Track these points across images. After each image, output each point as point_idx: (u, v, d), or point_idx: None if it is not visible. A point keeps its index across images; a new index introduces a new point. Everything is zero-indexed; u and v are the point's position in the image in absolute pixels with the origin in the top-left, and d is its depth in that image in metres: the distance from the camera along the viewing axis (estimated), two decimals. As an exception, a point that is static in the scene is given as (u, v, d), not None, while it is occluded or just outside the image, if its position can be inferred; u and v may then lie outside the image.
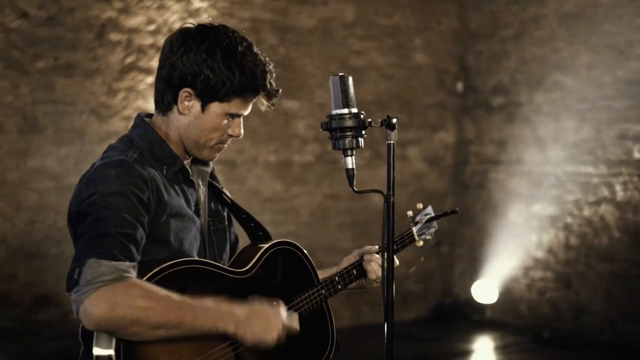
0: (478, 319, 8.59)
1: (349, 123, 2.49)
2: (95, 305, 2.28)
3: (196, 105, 2.58)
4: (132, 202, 2.42)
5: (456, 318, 8.61)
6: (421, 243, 3.17)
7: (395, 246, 3.02)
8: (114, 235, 2.36)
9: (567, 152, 7.98)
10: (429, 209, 3.21)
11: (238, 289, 2.64)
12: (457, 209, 3.27)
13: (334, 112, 2.49)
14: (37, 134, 6.44)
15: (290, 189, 7.83)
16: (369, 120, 2.49)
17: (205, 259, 2.68)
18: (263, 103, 2.67)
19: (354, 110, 2.49)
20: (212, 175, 2.84)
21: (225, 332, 2.48)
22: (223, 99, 2.57)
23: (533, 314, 8.27)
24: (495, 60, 8.64)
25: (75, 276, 2.32)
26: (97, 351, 2.36)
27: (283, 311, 2.60)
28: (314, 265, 2.91)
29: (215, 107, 2.58)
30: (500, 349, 7.68)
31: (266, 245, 2.78)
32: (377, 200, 8.32)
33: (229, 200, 2.87)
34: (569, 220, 7.98)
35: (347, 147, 2.51)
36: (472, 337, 8.00)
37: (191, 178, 2.69)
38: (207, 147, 2.64)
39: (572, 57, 7.96)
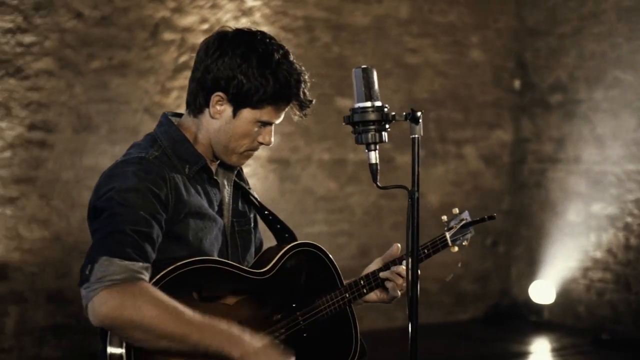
0: (535, 320, 8.47)
1: (372, 116, 2.41)
2: (103, 304, 2.26)
3: (228, 110, 2.56)
4: (148, 199, 2.40)
5: (513, 319, 8.50)
6: (456, 249, 3.07)
7: (426, 251, 2.94)
8: (128, 233, 2.33)
9: (627, 150, 7.82)
10: (466, 214, 3.11)
11: (255, 290, 2.60)
12: (495, 214, 3.13)
13: (357, 105, 2.42)
14: (92, 133, 6.49)
15: (344, 188, 7.79)
16: (393, 113, 2.42)
17: (227, 259, 2.64)
18: (295, 113, 2.63)
19: (378, 103, 2.41)
20: (239, 176, 2.81)
21: (230, 357, 2.41)
22: (255, 105, 2.54)
23: (591, 315, 8.13)
24: (553, 57, 8.50)
25: (87, 272, 2.30)
26: (110, 349, 2.34)
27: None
28: (338, 268, 2.84)
29: (246, 114, 2.55)
30: (558, 351, 7.55)
31: (287, 246, 2.73)
32: (433, 199, 8.25)
33: (256, 202, 2.84)
34: (629, 219, 7.82)
35: (370, 141, 2.44)
36: (529, 339, 7.88)
37: (215, 178, 2.66)
38: (236, 152, 2.61)
39: (632, 53, 7.80)
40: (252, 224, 2.83)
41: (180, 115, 2.71)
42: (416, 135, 2.43)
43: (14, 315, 6.18)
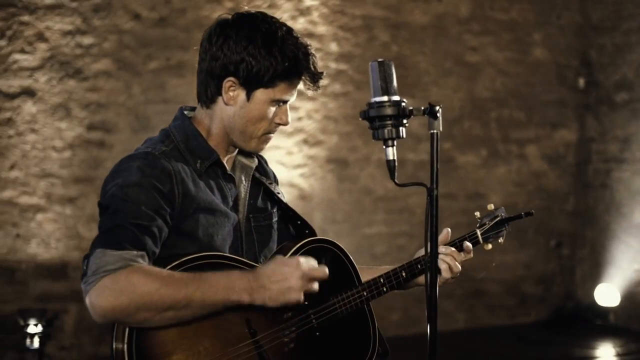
0: (600, 324, 8.29)
1: (389, 111, 2.29)
2: (99, 296, 2.21)
3: (241, 94, 2.51)
4: (151, 194, 2.36)
5: (577, 323, 8.33)
6: (489, 246, 2.97)
7: (453, 248, 2.84)
8: (127, 227, 2.30)
9: (696, 150, 7.62)
10: (501, 210, 3.00)
11: None
12: (532, 211, 3.01)
13: (373, 99, 2.30)
14: (150, 133, 6.43)
15: (404, 188, 7.68)
16: (411, 108, 2.30)
17: (242, 256, 2.58)
18: (308, 87, 2.58)
19: (395, 97, 2.29)
20: (261, 171, 2.76)
21: (240, 302, 2.35)
22: (268, 85, 2.50)
23: (660, 319, 7.94)
24: (618, 54, 8.33)
25: (84, 267, 2.28)
26: (115, 344, 2.30)
27: (303, 262, 2.43)
28: (356, 265, 2.75)
29: (260, 94, 2.51)
30: (623, 356, 7.36)
31: (302, 242, 2.65)
32: (495, 200, 8.11)
33: (276, 198, 2.76)
34: (698, 221, 7.62)
35: (387, 137, 2.31)
36: (594, 343, 7.71)
37: (230, 173, 2.61)
38: (254, 137, 2.56)
39: (702, 49, 7.60)
40: (274, 219, 2.75)
41: (195, 109, 2.68)
42: (435, 131, 2.31)
43: (73, 314, 6.24)
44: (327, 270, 2.47)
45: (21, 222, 6.16)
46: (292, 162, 7.16)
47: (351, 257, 2.75)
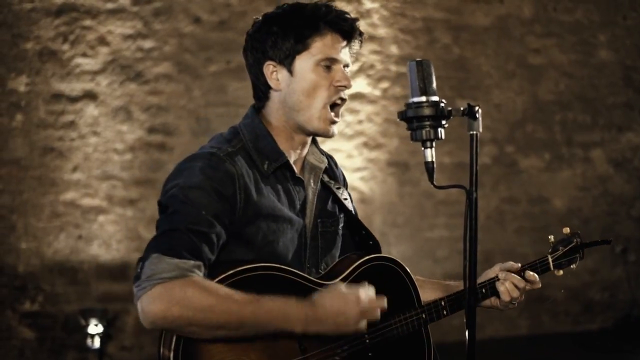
0: (669, 332, 8.09)
1: (427, 112, 2.22)
2: (151, 303, 2.17)
3: (283, 71, 2.47)
4: (212, 198, 2.30)
5: (644, 330, 8.15)
6: (561, 273, 2.87)
7: (522, 274, 2.75)
8: (185, 232, 2.24)
9: None
10: (576, 236, 2.88)
11: None
12: (610, 239, 2.90)
13: (411, 100, 2.23)
14: (210, 136, 6.53)
15: (464, 192, 7.59)
16: (449, 109, 2.23)
17: (305, 262, 2.52)
18: (345, 32, 2.48)
19: (433, 98, 2.22)
20: (330, 173, 2.69)
21: (293, 332, 2.29)
22: (300, 49, 2.45)
23: None
24: (687, 55, 8.13)
25: (138, 270, 2.23)
26: (163, 349, 2.28)
27: (363, 297, 2.35)
28: (417, 286, 2.65)
29: (300, 63, 2.46)
30: (692, 365, 7.17)
31: (362, 259, 2.56)
32: (559, 205, 8.00)
33: (343, 203, 2.68)
34: None
35: (424, 138, 2.23)
36: (662, 352, 7.52)
37: (299, 176, 2.54)
38: (315, 112, 2.46)
39: None
40: (340, 225, 2.67)
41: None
42: (474, 132, 2.23)
43: (134, 314, 6.29)
44: (385, 303, 2.41)
45: (83, 223, 6.23)
46: (352, 165, 7.12)
47: (412, 277, 2.66)
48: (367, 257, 2.57)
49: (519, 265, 2.78)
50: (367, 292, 2.37)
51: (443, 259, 7.51)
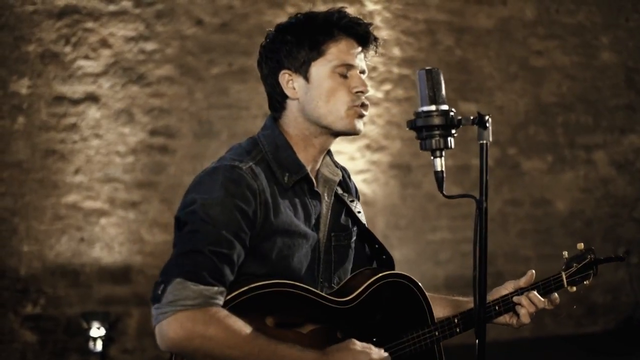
0: (672, 334, 8.07)
1: (437, 121, 2.21)
2: (172, 330, 2.15)
3: (299, 79, 2.44)
4: (233, 216, 2.27)
5: (647, 333, 8.13)
6: (574, 289, 2.88)
7: (536, 291, 2.73)
8: (207, 255, 2.21)
9: None
10: (590, 252, 2.88)
11: (334, 320, 2.42)
12: (624, 256, 2.94)
13: (420, 109, 2.23)
14: (212, 139, 6.54)
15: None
16: (459, 118, 2.21)
17: (318, 276, 2.50)
18: (360, 38, 2.47)
19: (443, 107, 2.21)
20: (344, 186, 2.67)
21: None
22: (315, 55, 2.43)
23: None
24: (690, 57, 8.12)
25: (159, 292, 2.19)
26: None
27: (376, 356, 2.35)
28: (430, 304, 2.63)
29: (316, 69, 2.44)
30: (696, 368, 7.15)
31: (376, 276, 2.53)
32: (562, 207, 7.98)
33: (356, 217, 2.65)
34: None
35: (434, 147, 2.22)
36: (665, 354, 7.50)
37: (316, 189, 2.51)
38: (340, 113, 2.43)
39: None
40: (353, 239, 2.64)
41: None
42: (484, 141, 2.19)
43: (136, 317, 6.28)
44: None
45: (85, 226, 6.22)
46: (354, 168, 7.11)
47: (426, 294, 2.63)
48: (380, 274, 2.54)
49: (531, 278, 2.76)
50: (381, 355, 2.37)
51: (445, 262, 7.50)
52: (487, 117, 2.18)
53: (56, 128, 6.20)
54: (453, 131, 2.22)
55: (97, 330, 6.02)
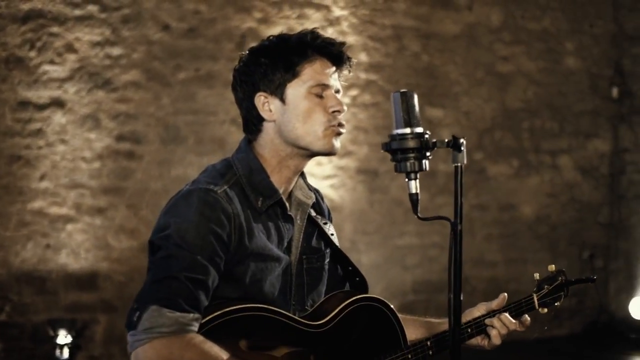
0: (635, 337, 8.15)
1: (411, 144, 2.19)
2: (148, 357, 2.15)
3: (275, 101, 2.44)
4: (208, 240, 2.26)
5: (611, 336, 8.21)
6: (545, 311, 2.88)
7: (508, 314, 2.75)
8: (182, 280, 2.21)
9: None
10: (562, 274, 2.92)
11: (307, 343, 2.42)
12: (595, 277, 2.95)
13: (395, 131, 2.22)
14: (179, 144, 6.52)
15: (435, 199, 7.62)
16: (434, 140, 2.21)
17: (290, 299, 2.50)
18: (334, 58, 2.49)
19: (418, 129, 2.21)
20: (317, 208, 2.67)
21: None
22: (290, 76, 2.43)
23: (697, 333, 7.79)
24: (653, 63, 8.22)
25: (134, 319, 2.19)
26: None
27: None
28: (403, 327, 2.64)
29: (292, 90, 2.44)
30: (660, 370, 7.24)
31: (349, 300, 2.54)
32: (528, 211, 8.04)
33: (329, 239, 2.65)
34: None
35: (409, 170, 2.20)
36: (628, 357, 7.59)
37: (289, 213, 2.51)
38: (317, 133, 2.44)
39: None
40: (326, 261, 2.64)
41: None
42: (459, 164, 2.19)
43: (103, 324, 6.24)
44: None
45: (51, 232, 6.17)
46: (322, 173, 7.11)
47: (399, 317, 2.64)
48: (353, 298, 2.54)
49: (503, 301, 2.78)
50: None
51: (413, 267, 7.53)
52: (461, 140, 2.18)
53: (21, 133, 6.15)
54: (428, 154, 2.22)
55: (64, 338, 5.98)
